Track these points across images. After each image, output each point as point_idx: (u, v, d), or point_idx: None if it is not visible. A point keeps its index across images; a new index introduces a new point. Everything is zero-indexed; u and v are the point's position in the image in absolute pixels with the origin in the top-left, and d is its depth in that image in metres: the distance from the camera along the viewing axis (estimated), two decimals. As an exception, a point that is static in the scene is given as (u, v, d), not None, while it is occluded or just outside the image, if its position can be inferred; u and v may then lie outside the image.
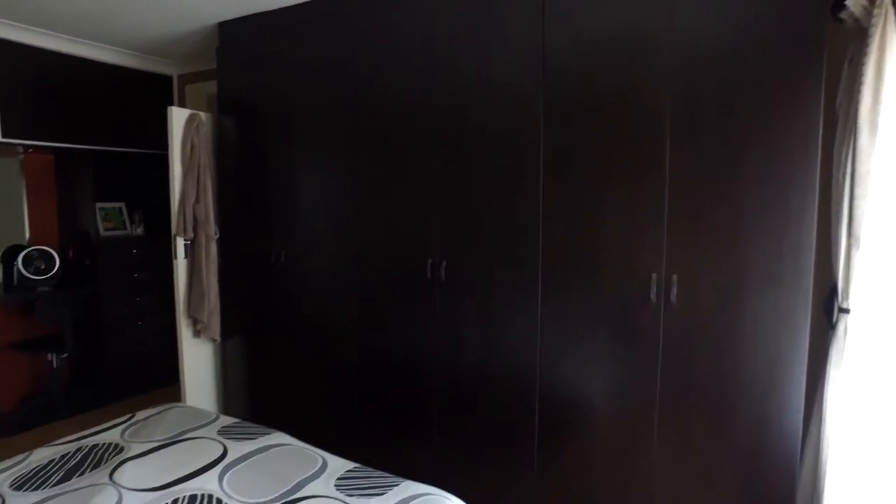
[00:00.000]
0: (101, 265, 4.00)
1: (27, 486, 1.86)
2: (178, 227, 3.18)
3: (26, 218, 4.12)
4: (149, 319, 4.28)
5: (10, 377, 3.98)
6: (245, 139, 3.29)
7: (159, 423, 2.31)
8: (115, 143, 4.01)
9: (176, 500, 1.77)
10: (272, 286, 3.19)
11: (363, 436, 2.95)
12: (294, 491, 1.86)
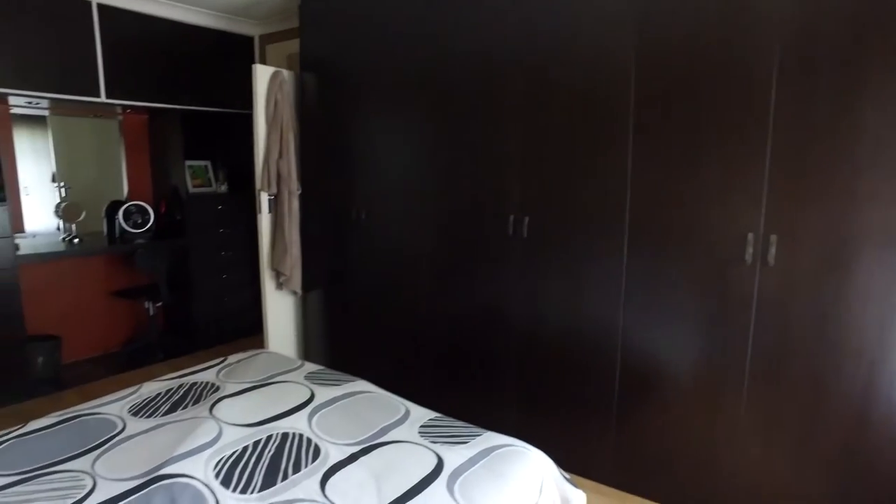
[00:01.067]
0: (189, 220, 4.22)
1: (141, 414, 2.02)
2: (263, 182, 3.29)
3: (124, 175, 4.38)
4: (233, 272, 4.49)
5: (115, 322, 4.32)
6: (326, 96, 3.33)
7: (249, 366, 2.44)
8: (202, 102, 4.17)
9: (270, 436, 1.87)
10: (352, 241, 3.26)
11: (438, 390, 3.00)
12: (379, 435, 1.92)
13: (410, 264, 3.06)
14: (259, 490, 1.62)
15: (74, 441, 1.84)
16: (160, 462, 1.69)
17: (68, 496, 1.54)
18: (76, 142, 4.18)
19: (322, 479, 1.68)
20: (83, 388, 3.66)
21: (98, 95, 3.63)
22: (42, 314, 3.78)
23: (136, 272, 4.25)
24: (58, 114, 4.02)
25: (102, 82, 3.63)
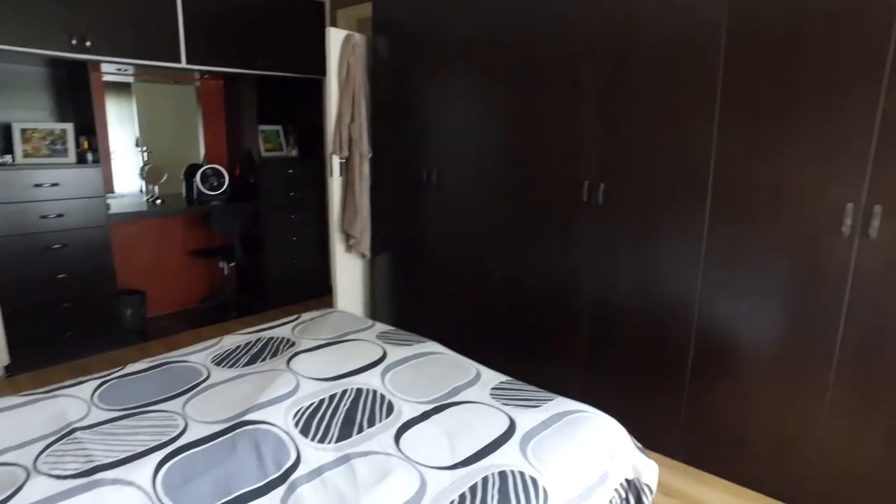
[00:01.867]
0: (261, 183, 4.34)
1: (223, 364, 2.12)
2: (334, 145, 3.33)
3: (201, 140, 4.54)
4: (302, 235, 4.62)
5: (193, 280, 4.55)
6: (398, 60, 3.31)
7: (323, 324, 2.51)
8: (274, 68, 4.24)
9: (345, 390, 1.93)
10: (422, 205, 3.27)
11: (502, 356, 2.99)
12: (451, 395, 1.94)
13: (479, 229, 3.04)
14: (336, 441, 1.67)
15: (166, 385, 1.96)
16: (243, 409, 1.76)
17: (165, 433, 1.64)
18: (157, 108, 4.36)
19: (396, 434, 1.71)
20: (165, 339, 3.88)
21: (179, 61, 3.75)
22: (129, 270, 4.00)
23: (211, 233, 4.43)
24: (141, 80, 4.19)
25: (183, 49, 3.74)
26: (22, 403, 1.83)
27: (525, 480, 1.52)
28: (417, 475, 1.53)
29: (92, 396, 1.88)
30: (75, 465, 1.49)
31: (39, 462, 1.51)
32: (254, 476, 1.50)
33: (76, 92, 3.64)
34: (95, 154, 3.59)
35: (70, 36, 3.25)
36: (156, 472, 1.49)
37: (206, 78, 4.41)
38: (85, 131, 3.60)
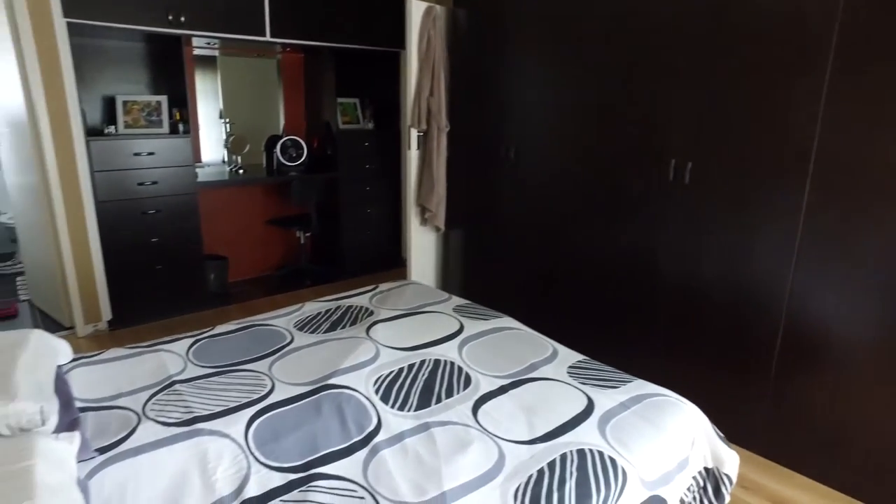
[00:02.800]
0: (339, 155, 4.42)
1: (305, 329, 2.21)
2: (413, 118, 3.34)
3: (281, 112, 4.67)
4: (376, 207, 4.70)
5: (270, 248, 4.73)
6: (479, 33, 3.27)
7: (400, 295, 2.55)
8: (354, 41, 4.28)
9: (423, 360, 1.96)
10: (498, 180, 3.25)
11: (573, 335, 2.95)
12: (528, 371, 1.94)
13: (556, 206, 2.99)
14: (415, 409, 1.71)
15: (253, 346, 2.06)
16: (326, 373, 1.83)
17: (254, 391, 1.73)
18: (239, 81, 4.50)
19: (474, 406, 1.73)
20: (244, 304, 4.06)
21: (263, 35, 3.84)
22: (213, 236, 4.19)
23: (289, 202, 4.58)
24: (226, 54, 4.33)
25: (268, 22, 3.83)
26: (129, 355, 1.97)
27: (604, 460, 1.50)
28: (496, 448, 1.54)
29: (187, 353, 2.00)
30: (177, 415, 1.60)
31: (147, 408, 1.63)
32: (338, 437, 1.56)
33: (170, 66, 3.82)
34: (186, 125, 3.77)
35: (167, 12, 3.39)
36: (248, 426, 1.57)
37: (288, 51, 4.51)
38: (177, 103, 3.78)
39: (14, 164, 3.67)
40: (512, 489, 1.39)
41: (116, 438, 1.49)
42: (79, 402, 1.66)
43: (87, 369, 1.88)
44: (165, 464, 1.41)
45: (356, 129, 4.57)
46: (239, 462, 1.44)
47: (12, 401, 1.33)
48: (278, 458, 1.47)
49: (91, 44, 3.53)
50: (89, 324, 3.54)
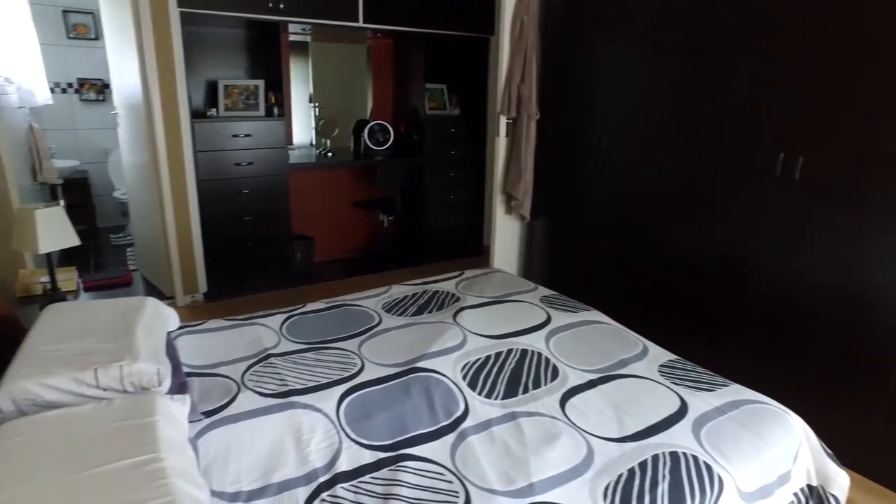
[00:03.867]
0: (425, 141, 4.46)
1: (393, 311, 2.25)
2: (503, 105, 3.30)
3: (369, 97, 4.75)
4: (459, 193, 4.71)
5: (355, 230, 4.85)
6: (573, 18, 3.18)
7: (487, 282, 2.55)
8: (444, 26, 4.27)
9: (510, 350, 1.95)
10: (587, 170, 3.16)
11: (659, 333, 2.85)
12: (617, 367, 1.88)
13: (647, 198, 2.88)
14: (502, 398, 1.71)
15: (342, 325, 2.12)
16: (415, 356, 1.86)
17: (345, 369, 1.78)
18: (330, 66, 4.61)
19: (562, 399, 1.71)
20: (328, 283, 4.19)
21: (357, 21, 3.91)
22: (300, 217, 4.33)
23: (373, 186, 4.67)
24: (317, 40, 4.44)
25: (361, 8, 3.90)
26: (228, 326, 2.08)
27: (699, 465, 1.44)
28: (584, 443, 1.51)
29: (280, 328, 2.09)
30: (273, 386, 1.67)
31: (245, 378, 1.71)
32: (426, 420, 1.58)
33: (267, 51, 3.97)
34: (280, 108, 3.91)
35: (268, 0, 3.52)
36: (339, 403, 1.62)
37: (378, 37, 4.57)
38: (272, 87, 3.92)
39: (128, 144, 3.94)
40: (601, 486, 1.36)
41: (219, 404, 1.57)
42: (185, 367, 1.76)
43: (192, 337, 1.99)
44: (263, 432, 1.48)
45: (443, 115, 4.59)
46: (331, 436, 1.49)
47: (135, 361, 1.43)
48: (368, 435, 1.51)
49: (197, 31, 3.71)
50: (187, 294, 3.77)
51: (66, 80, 5.10)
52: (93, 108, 5.26)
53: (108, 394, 1.41)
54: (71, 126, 5.20)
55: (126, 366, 1.42)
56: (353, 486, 1.34)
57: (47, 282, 2.34)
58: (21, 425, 1.17)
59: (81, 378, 1.39)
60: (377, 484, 1.35)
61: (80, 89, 5.16)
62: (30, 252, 2.09)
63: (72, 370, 1.39)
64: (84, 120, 5.26)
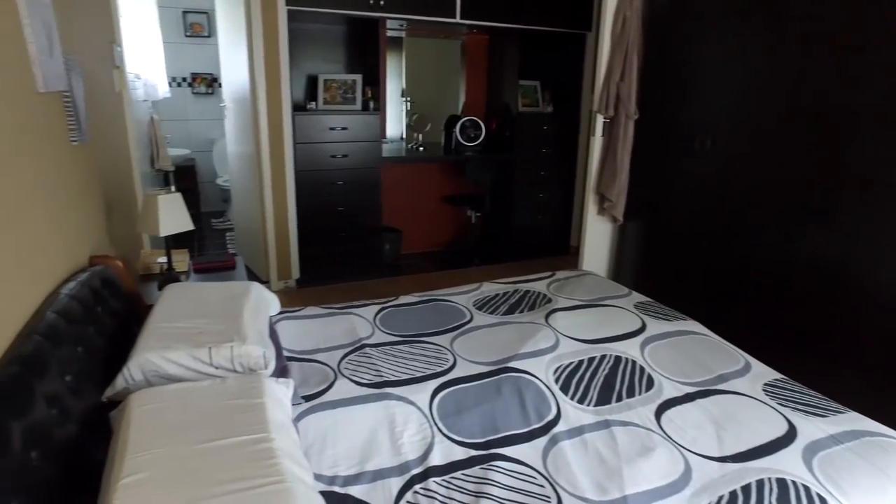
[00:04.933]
0: (516, 138, 4.42)
1: (484, 309, 2.25)
2: (600, 103, 3.21)
3: (461, 92, 4.77)
4: (548, 192, 4.64)
5: (442, 224, 4.90)
6: (678, 12, 3.03)
7: (579, 285, 2.50)
8: (540, 22, 4.22)
9: (604, 355, 1.90)
10: (689, 173, 3.01)
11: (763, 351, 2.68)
12: (717, 381, 1.80)
13: (753, 206, 2.70)
14: (594, 404, 1.67)
15: (434, 320, 2.14)
16: (507, 356, 1.85)
17: (437, 364, 1.81)
18: (423, 61, 4.67)
19: (657, 411, 1.65)
20: (415, 276, 4.26)
21: (454, 16, 3.94)
22: (389, 209, 4.42)
23: (463, 181, 4.69)
24: (413, 35, 4.50)
25: (458, 4, 3.91)
26: (324, 314, 2.16)
27: (811, 497, 1.34)
28: (681, 458, 1.45)
29: (374, 319, 2.14)
30: (369, 376, 1.72)
31: (342, 366, 1.77)
32: (517, 421, 1.57)
33: (364, 47, 4.08)
34: (376, 102, 4.01)
35: (370, -4, 3.62)
36: (432, 397, 1.64)
37: (473, 33, 4.58)
38: (368, 82, 4.02)
39: (234, 134, 4.18)
40: (701, 507, 1.30)
41: (318, 389, 1.64)
42: (285, 351, 1.85)
43: (291, 323, 2.09)
44: (359, 420, 1.53)
45: (535, 113, 4.53)
46: (424, 430, 1.51)
47: (244, 343, 1.52)
48: (460, 432, 1.52)
49: (300, 28, 3.86)
50: (281, 280, 3.95)
51: (181, 74, 5.47)
52: (202, 100, 5.61)
53: (219, 371, 1.50)
54: (183, 117, 5.58)
55: (236, 347, 1.51)
56: (445, 482, 1.35)
57: (164, 262, 2.52)
58: (149, 394, 1.27)
59: (197, 355, 1.48)
60: (468, 481, 1.36)
61: (192, 83, 5.53)
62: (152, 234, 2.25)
63: (189, 347, 1.49)
64: (194, 111, 5.63)
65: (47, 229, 1.60)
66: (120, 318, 1.84)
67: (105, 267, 1.94)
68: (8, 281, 1.32)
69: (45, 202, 1.60)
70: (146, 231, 2.28)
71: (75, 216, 1.88)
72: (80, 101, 1.97)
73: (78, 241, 1.88)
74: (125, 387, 1.43)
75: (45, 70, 1.57)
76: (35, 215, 1.51)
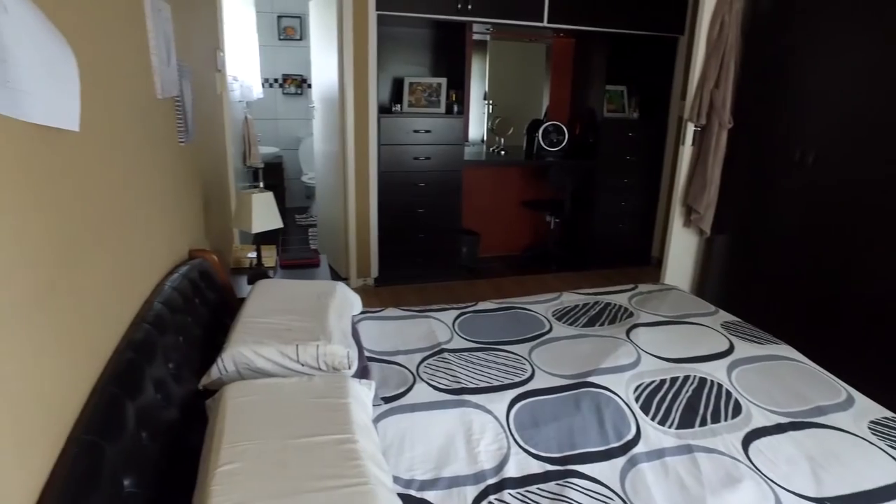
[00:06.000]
0: (600, 144, 4.33)
1: (564, 320, 2.23)
2: (692, 112, 3.08)
3: (545, 96, 4.72)
4: (630, 200, 4.51)
5: (520, 229, 4.87)
6: (784, 17, 2.86)
7: (662, 300, 2.41)
8: (629, 26, 4.10)
9: (687, 376, 1.83)
10: (787, 187, 2.83)
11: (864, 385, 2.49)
12: (813, 414, 1.68)
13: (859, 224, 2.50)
14: (676, 427, 1.61)
15: (513, 328, 2.13)
16: (586, 370, 1.82)
17: (515, 374, 1.80)
18: (507, 64, 4.65)
19: (745, 439, 1.56)
20: (490, 280, 4.26)
21: (541, 20, 3.90)
22: (468, 212, 4.44)
23: (543, 186, 4.64)
24: (497, 38, 4.50)
25: (546, 8, 3.87)
26: (404, 316, 2.21)
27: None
28: (771, 495, 1.37)
29: (453, 324, 2.16)
30: (447, 382, 1.73)
31: (420, 370, 1.80)
32: (595, 438, 1.54)
33: (450, 50, 4.12)
34: (460, 106, 4.03)
35: (457, 1, 3.64)
36: (509, 407, 1.64)
37: (560, 36, 4.51)
38: (453, 85, 4.05)
39: (321, 134, 4.33)
40: (794, 549, 1.23)
41: (397, 392, 1.67)
42: (366, 351, 1.90)
43: (372, 323, 2.14)
44: (436, 425, 1.54)
45: (620, 118, 4.42)
46: (500, 440, 1.51)
47: (329, 342, 1.57)
48: (536, 445, 1.51)
49: (388, 31, 3.94)
50: (360, 277, 4.06)
51: (273, 75, 5.73)
52: (292, 100, 5.86)
53: (304, 368, 1.56)
54: (273, 116, 5.85)
55: (321, 346, 1.57)
56: (521, 494, 1.34)
57: (254, 257, 2.65)
58: (244, 387, 1.35)
59: (285, 351, 1.55)
60: (543, 496, 1.34)
61: (283, 84, 5.78)
62: (245, 230, 2.38)
63: (278, 343, 1.56)
64: (284, 111, 5.88)
65: (158, 224, 1.73)
66: (213, 309, 1.96)
67: (203, 260, 2.07)
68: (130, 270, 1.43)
69: (157, 198, 1.72)
70: (240, 227, 2.41)
71: (179, 212, 2.01)
72: (188, 104, 2.11)
73: (181, 235, 2.02)
74: (218, 376, 1.52)
75: (163, 78, 1.70)
76: (149, 212, 1.63)
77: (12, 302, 0.83)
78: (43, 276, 0.94)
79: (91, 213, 1.19)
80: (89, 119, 1.11)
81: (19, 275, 0.86)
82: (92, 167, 1.19)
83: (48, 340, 0.95)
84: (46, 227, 0.97)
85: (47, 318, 0.95)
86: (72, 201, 1.08)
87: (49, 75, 0.90)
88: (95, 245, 1.21)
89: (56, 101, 0.94)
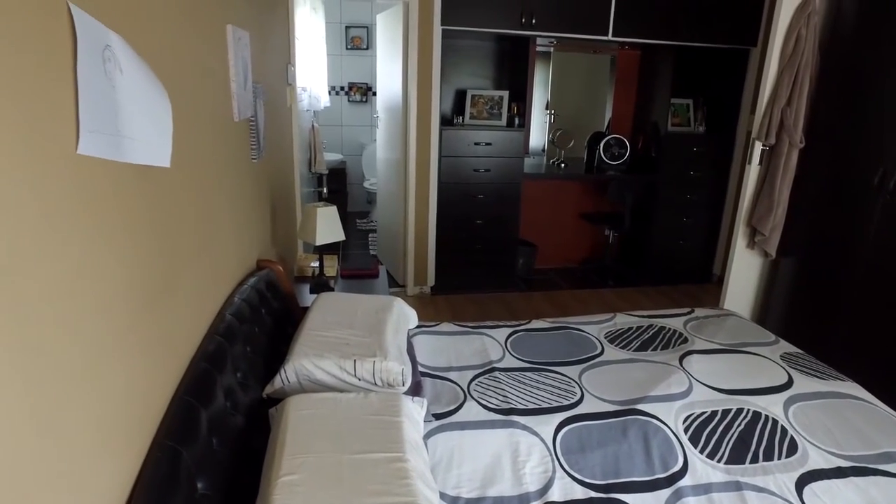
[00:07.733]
0: (663, 158, 4.25)
1: (616, 343, 2.23)
2: (761, 129, 2.99)
3: (608, 109, 4.67)
4: (693, 216, 4.40)
5: (578, 241, 4.84)
6: (868, 30, 2.72)
7: (719, 326, 2.37)
8: (697, 38, 4.01)
9: (741, 409, 1.80)
10: (862, 213, 2.70)
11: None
12: (880, 460, 1.62)
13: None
14: (726, 461, 1.59)
15: (565, 349, 2.16)
16: (636, 397, 1.82)
17: (565, 397, 1.82)
18: (569, 76, 4.63)
19: (799, 481, 1.53)
20: (546, 293, 4.26)
21: (606, 34, 3.87)
22: (526, 224, 4.45)
23: (602, 199, 4.60)
24: (560, 50, 4.49)
25: (612, 21, 3.84)
26: (458, 332, 2.26)
27: None
28: (825, 541, 1.34)
29: (506, 342, 2.20)
30: (496, 401, 1.78)
31: (471, 388, 1.85)
32: (641, 468, 1.55)
33: (513, 63, 4.15)
34: (521, 118, 4.06)
35: (521, 16, 3.67)
36: (556, 431, 1.67)
37: (625, 48, 4.46)
38: (515, 97, 4.08)
39: (384, 142, 4.46)
40: None
41: (448, 409, 1.73)
42: (420, 367, 1.97)
43: (427, 338, 2.21)
44: (484, 445, 1.59)
45: (685, 133, 4.32)
46: (546, 463, 1.54)
47: (385, 359, 1.65)
48: (581, 470, 1.53)
49: (451, 44, 4.01)
50: (417, 285, 4.15)
51: (339, 84, 5.93)
52: (357, 108, 6.04)
53: (361, 383, 1.64)
54: (338, 123, 6.05)
55: (378, 362, 1.64)
56: (564, 520, 1.38)
57: (316, 266, 2.77)
58: (305, 400, 1.44)
59: (343, 366, 1.64)
60: (587, 523, 1.37)
61: (349, 91, 5.96)
62: (310, 242, 2.50)
63: (337, 357, 1.65)
64: (349, 118, 6.07)
65: (234, 240, 1.86)
66: (277, 318, 2.08)
67: (269, 271, 2.20)
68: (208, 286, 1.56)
69: (233, 216, 1.85)
70: (304, 239, 2.53)
71: (250, 225, 2.15)
72: (261, 124, 2.25)
73: (250, 246, 2.15)
74: (281, 386, 1.63)
75: (240, 102, 1.82)
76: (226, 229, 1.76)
77: (109, 330, 0.94)
78: (139, 300, 1.06)
79: (179, 239, 1.31)
80: (176, 151, 1.23)
81: (119, 302, 0.97)
82: (178, 196, 1.31)
83: (136, 359, 1.06)
84: (148, 252, 1.08)
85: (137, 338, 1.06)
86: (163, 228, 1.20)
87: (150, 122, 1.02)
88: (185, 268, 1.33)
89: (153, 143, 1.06)
